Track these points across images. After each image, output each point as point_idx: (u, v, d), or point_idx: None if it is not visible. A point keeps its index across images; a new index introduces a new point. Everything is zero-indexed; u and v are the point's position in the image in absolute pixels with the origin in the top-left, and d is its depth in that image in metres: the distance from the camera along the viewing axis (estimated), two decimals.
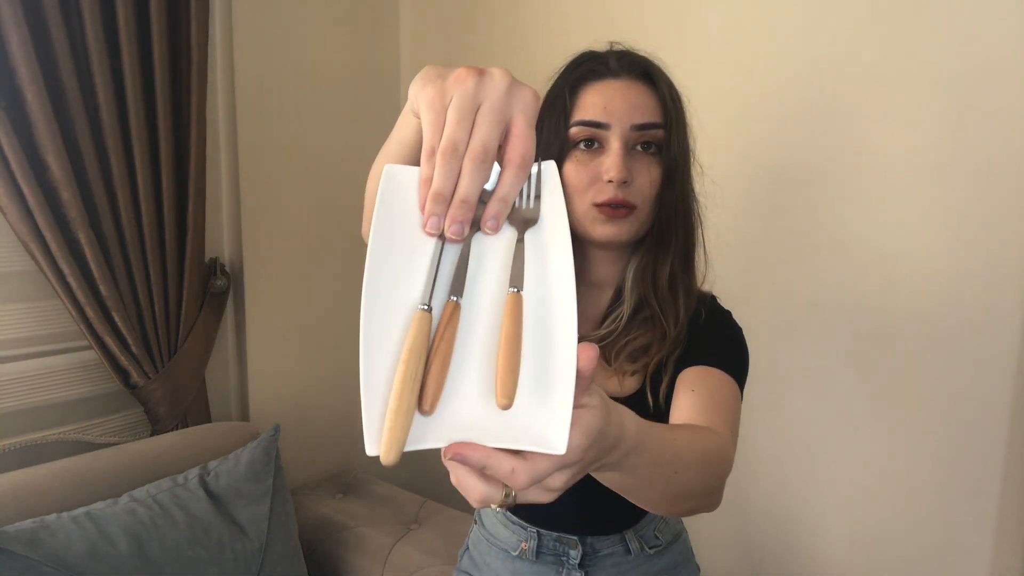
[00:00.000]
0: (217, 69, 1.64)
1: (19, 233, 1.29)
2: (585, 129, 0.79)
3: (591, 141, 0.80)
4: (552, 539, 0.95)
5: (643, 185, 0.79)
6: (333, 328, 1.94)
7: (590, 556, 0.95)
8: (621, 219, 0.79)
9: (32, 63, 1.24)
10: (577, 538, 0.94)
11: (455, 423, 0.43)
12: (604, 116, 0.78)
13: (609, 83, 0.80)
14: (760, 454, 1.46)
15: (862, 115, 1.27)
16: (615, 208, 0.78)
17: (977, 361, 1.21)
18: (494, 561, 1.01)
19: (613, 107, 0.78)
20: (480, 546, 1.04)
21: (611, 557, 0.96)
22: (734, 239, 1.45)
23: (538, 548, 0.96)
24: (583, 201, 0.79)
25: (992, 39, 1.14)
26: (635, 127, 0.79)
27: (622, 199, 0.78)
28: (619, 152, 0.77)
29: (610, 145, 0.78)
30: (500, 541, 1.00)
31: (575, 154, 0.80)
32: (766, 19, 1.36)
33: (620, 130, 0.78)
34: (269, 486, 1.40)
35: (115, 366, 1.44)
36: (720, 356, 0.83)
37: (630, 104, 0.78)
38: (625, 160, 0.77)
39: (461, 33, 1.86)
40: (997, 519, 1.22)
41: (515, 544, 0.98)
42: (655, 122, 0.79)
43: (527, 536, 0.96)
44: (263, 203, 1.74)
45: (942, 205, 1.22)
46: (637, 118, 0.78)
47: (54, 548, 1.13)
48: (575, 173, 0.80)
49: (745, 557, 1.52)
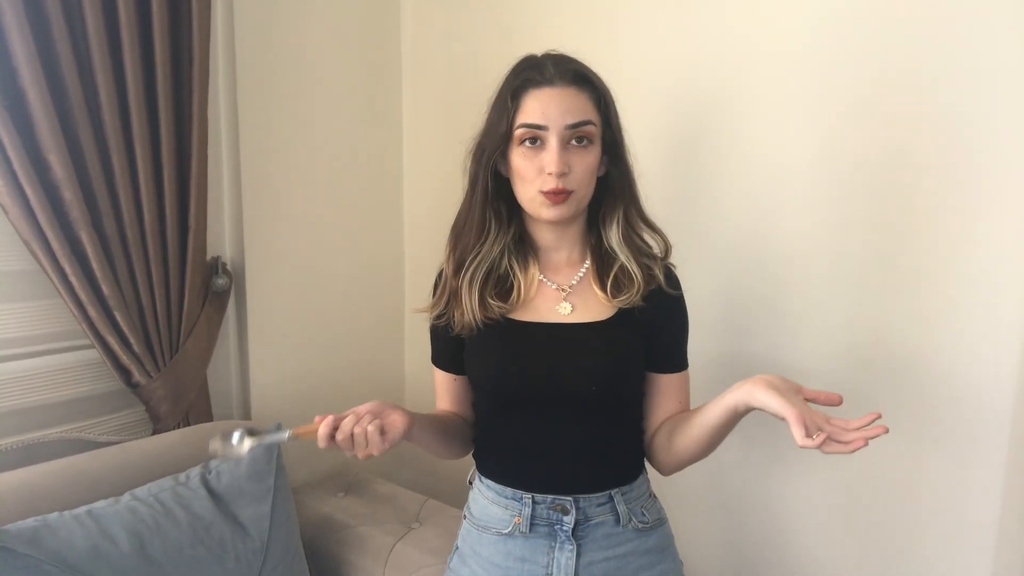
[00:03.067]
0: (219, 68, 1.65)
1: (21, 232, 1.30)
2: (528, 130, 0.96)
3: (534, 139, 0.96)
4: (546, 506, 1.00)
5: (578, 173, 0.96)
6: (334, 326, 1.94)
7: (582, 524, 1.00)
8: (562, 203, 0.96)
9: (34, 63, 1.24)
10: (571, 500, 1.00)
11: None
12: (543, 119, 0.95)
13: (545, 90, 0.96)
14: (758, 454, 1.46)
15: (862, 113, 1.27)
16: (555, 194, 0.95)
17: (978, 360, 1.21)
18: (484, 548, 1.04)
19: (549, 112, 0.94)
20: (470, 538, 1.07)
21: (602, 527, 1.01)
22: (735, 238, 1.45)
23: (532, 519, 1.00)
24: (531, 188, 0.97)
25: (986, 33, 1.14)
26: (568, 127, 0.95)
27: (561, 188, 0.95)
28: (556, 149, 0.94)
29: (549, 143, 0.95)
30: (492, 523, 1.04)
31: (522, 150, 0.97)
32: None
33: (556, 130, 0.94)
34: (271, 485, 1.40)
35: (117, 365, 1.45)
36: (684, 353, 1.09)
37: (563, 108, 0.94)
38: (562, 155, 0.94)
39: (462, 33, 1.86)
40: (998, 519, 1.22)
41: (508, 521, 1.02)
42: (585, 120, 0.96)
43: (520, 507, 1.01)
44: (265, 202, 1.74)
45: (942, 204, 1.21)
46: (570, 119, 0.95)
47: (56, 547, 1.13)
48: (523, 165, 0.97)
49: (740, 557, 1.52)
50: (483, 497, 1.07)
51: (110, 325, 1.40)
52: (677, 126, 1.49)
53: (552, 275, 1.06)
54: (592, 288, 1.04)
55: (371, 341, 2.05)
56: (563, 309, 1.03)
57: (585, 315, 1.03)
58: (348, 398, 1.98)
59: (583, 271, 1.06)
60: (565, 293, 1.04)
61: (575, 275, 1.06)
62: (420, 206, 2.05)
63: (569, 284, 1.05)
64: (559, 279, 1.06)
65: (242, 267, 1.72)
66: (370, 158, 1.98)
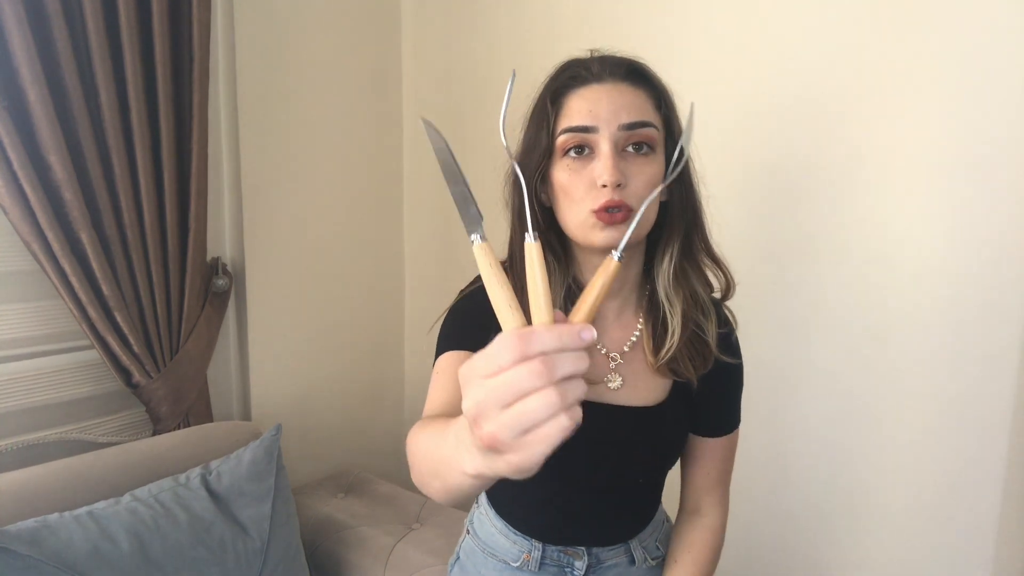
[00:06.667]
0: (219, 69, 1.65)
1: (21, 233, 1.30)
2: (573, 136, 0.77)
3: (581, 147, 0.78)
4: (556, 551, 0.95)
5: (638, 187, 0.77)
6: (335, 327, 1.94)
7: (594, 567, 0.95)
8: (620, 224, 0.76)
9: (34, 63, 1.24)
10: (584, 548, 0.94)
11: None
12: (591, 120, 0.77)
13: (593, 87, 0.78)
14: (760, 454, 1.46)
15: (862, 113, 1.27)
16: (612, 213, 0.75)
17: (978, 360, 1.21)
18: (489, 573, 0.98)
19: (599, 110, 0.76)
20: (474, 557, 1.02)
21: (615, 568, 0.96)
22: (732, 239, 1.45)
23: (542, 560, 0.95)
24: (581, 209, 0.78)
25: (993, 36, 1.14)
26: (623, 127, 0.76)
27: (618, 201, 0.75)
28: (610, 155, 0.75)
29: (600, 149, 0.76)
30: (498, 552, 0.98)
31: (566, 162, 0.78)
32: (761, 16, 1.36)
33: (608, 132, 0.76)
34: (271, 485, 1.40)
35: (117, 365, 1.45)
36: (736, 412, 0.95)
37: (616, 105, 0.77)
38: (616, 162, 0.75)
39: (463, 34, 1.86)
40: (998, 520, 1.22)
41: (516, 555, 0.96)
42: (644, 120, 0.77)
43: (530, 547, 0.95)
44: (265, 203, 1.74)
45: (943, 204, 1.21)
46: (624, 118, 0.76)
47: (56, 547, 1.13)
48: (568, 182, 0.78)
49: (743, 557, 1.52)
50: (490, 524, 0.99)
51: (110, 326, 1.40)
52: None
53: (602, 333, 0.88)
54: (645, 359, 0.87)
55: (371, 342, 2.05)
56: (612, 382, 0.87)
57: (636, 395, 0.87)
58: (348, 398, 1.99)
59: (636, 334, 0.88)
60: (615, 364, 0.87)
61: (628, 339, 0.88)
62: (420, 206, 2.05)
63: (621, 351, 0.88)
64: (609, 342, 0.88)
65: (242, 268, 1.72)
66: (370, 158, 1.98)
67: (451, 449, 0.49)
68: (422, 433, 0.62)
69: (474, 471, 0.45)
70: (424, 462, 0.59)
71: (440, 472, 0.54)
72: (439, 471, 0.54)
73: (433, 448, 0.56)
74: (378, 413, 2.08)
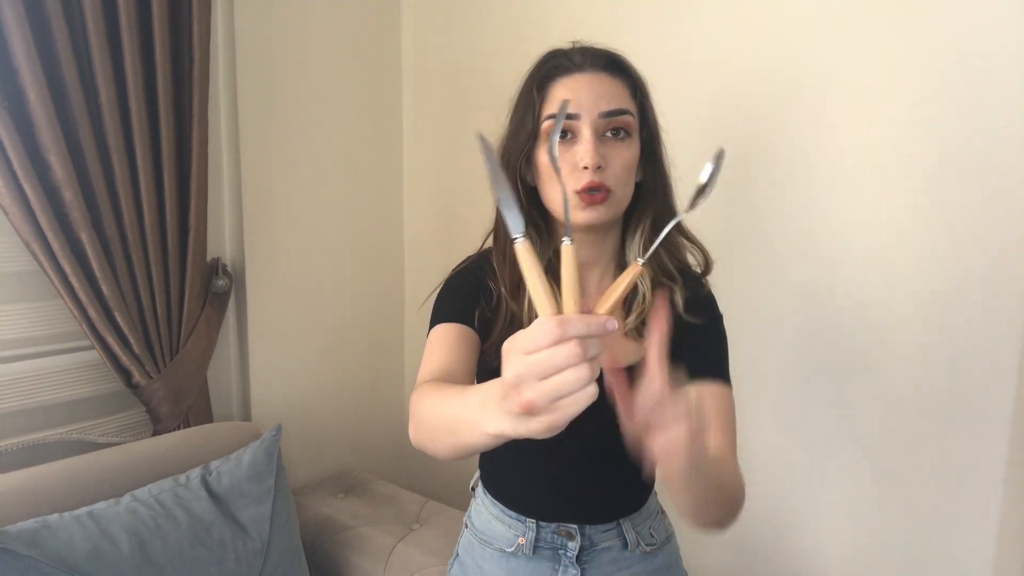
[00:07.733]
0: (219, 69, 1.64)
1: (21, 233, 1.29)
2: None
3: (564, 132, 0.84)
4: (550, 531, 0.96)
5: (616, 169, 0.84)
6: (335, 328, 1.94)
7: (587, 550, 0.96)
8: (599, 204, 0.84)
9: (34, 64, 1.24)
10: (576, 527, 0.96)
11: None
12: (573, 107, 0.83)
13: (575, 77, 0.86)
14: (758, 455, 1.46)
15: (854, 108, 1.27)
16: (592, 194, 0.83)
17: (978, 361, 1.21)
18: (487, 563, 1.00)
19: (580, 98, 0.83)
20: (472, 550, 1.03)
21: (608, 552, 0.97)
22: (733, 238, 1.45)
23: (536, 541, 0.96)
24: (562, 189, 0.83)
25: (989, 36, 1.14)
26: (603, 115, 0.83)
27: (599, 183, 0.82)
28: (590, 139, 0.83)
29: (582, 134, 0.83)
30: (494, 539, 1.00)
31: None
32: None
33: (589, 119, 0.83)
34: (271, 486, 1.40)
35: (117, 366, 1.44)
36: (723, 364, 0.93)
37: (596, 94, 0.84)
38: (597, 147, 0.83)
39: (462, 32, 1.86)
40: (998, 521, 1.22)
41: (511, 540, 0.98)
42: (622, 108, 0.85)
43: (524, 529, 0.97)
44: (265, 203, 1.74)
45: (943, 206, 1.21)
46: (604, 106, 0.83)
47: (56, 548, 1.13)
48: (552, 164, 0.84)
49: (740, 559, 1.52)
50: (486, 511, 1.02)
51: (110, 326, 1.40)
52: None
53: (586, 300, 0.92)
54: (622, 325, 0.91)
55: (371, 341, 2.05)
56: None
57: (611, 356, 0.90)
58: (348, 398, 1.99)
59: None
60: None
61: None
62: (420, 207, 2.05)
63: None
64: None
65: (242, 268, 1.72)
66: (370, 158, 1.98)
67: (473, 411, 0.57)
68: (433, 395, 0.69)
69: (496, 431, 0.53)
70: (437, 419, 0.66)
71: (457, 430, 0.61)
72: (456, 429, 0.62)
73: (450, 408, 0.64)
74: (378, 413, 2.08)
